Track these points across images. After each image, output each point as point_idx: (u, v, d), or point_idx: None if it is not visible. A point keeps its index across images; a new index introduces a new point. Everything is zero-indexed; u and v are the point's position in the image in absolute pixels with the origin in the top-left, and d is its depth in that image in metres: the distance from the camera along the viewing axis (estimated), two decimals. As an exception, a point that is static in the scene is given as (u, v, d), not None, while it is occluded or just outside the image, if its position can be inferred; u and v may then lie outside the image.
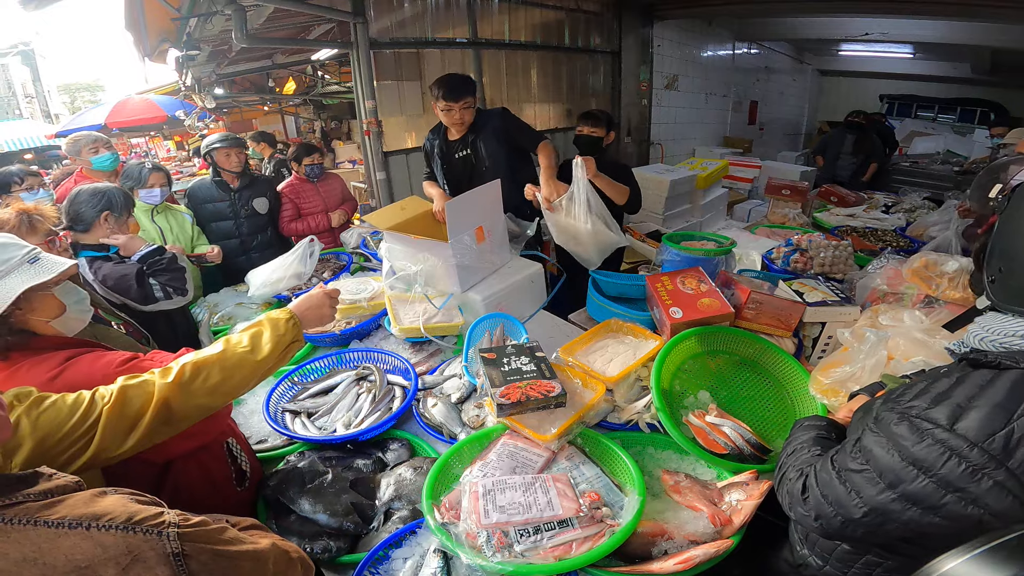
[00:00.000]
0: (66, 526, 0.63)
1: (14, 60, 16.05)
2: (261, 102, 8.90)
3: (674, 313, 1.54)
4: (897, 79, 8.95)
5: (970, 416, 0.71)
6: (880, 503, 0.77)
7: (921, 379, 0.87)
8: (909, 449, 0.74)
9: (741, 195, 4.81)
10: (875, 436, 0.80)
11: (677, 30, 5.79)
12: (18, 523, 0.62)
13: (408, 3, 3.76)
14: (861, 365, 1.35)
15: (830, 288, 1.85)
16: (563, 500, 1.09)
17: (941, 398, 0.76)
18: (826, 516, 0.85)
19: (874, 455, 0.79)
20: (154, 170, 2.56)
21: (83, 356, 1.13)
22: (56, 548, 0.61)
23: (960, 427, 0.71)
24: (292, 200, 3.10)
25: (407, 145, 4.02)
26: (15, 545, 0.60)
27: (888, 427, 0.79)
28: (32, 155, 8.62)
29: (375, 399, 1.57)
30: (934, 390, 0.78)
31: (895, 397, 0.83)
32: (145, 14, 3.75)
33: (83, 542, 0.63)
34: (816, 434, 1.02)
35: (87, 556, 0.62)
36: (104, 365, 1.13)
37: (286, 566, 0.85)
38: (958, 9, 4.17)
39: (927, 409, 0.75)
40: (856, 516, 0.80)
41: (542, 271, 2.18)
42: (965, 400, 0.73)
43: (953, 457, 0.70)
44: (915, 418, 0.76)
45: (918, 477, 0.73)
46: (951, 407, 0.73)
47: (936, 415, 0.74)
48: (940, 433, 0.72)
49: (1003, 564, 0.65)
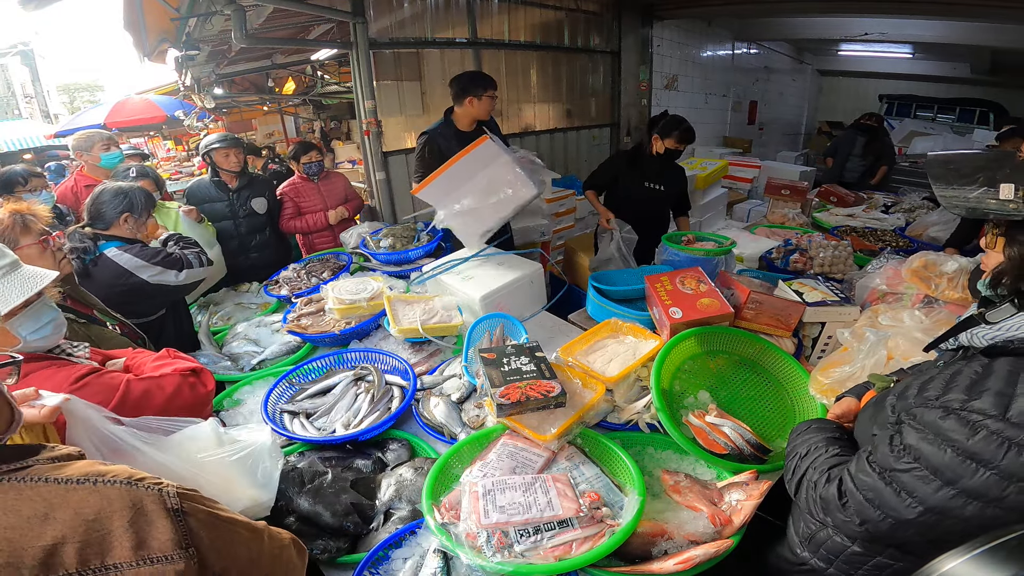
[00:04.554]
0: (74, 482, 0.67)
1: (13, 60, 16.02)
2: (261, 102, 8.88)
3: (674, 313, 1.54)
4: (896, 79, 8.96)
5: (1020, 402, 0.70)
6: (938, 501, 0.75)
7: (924, 374, 0.87)
8: (964, 443, 0.72)
9: (741, 195, 4.80)
10: (919, 433, 0.78)
11: (677, 30, 5.79)
12: (30, 481, 0.65)
13: (408, 3, 3.76)
14: (861, 365, 1.35)
15: (830, 288, 1.85)
16: (563, 500, 1.09)
17: (978, 389, 0.74)
18: (872, 520, 0.82)
19: (924, 453, 0.76)
20: (139, 177, 2.56)
21: (37, 373, 1.12)
22: (65, 503, 0.65)
23: (1013, 415, 0.70)
24: (292, 199, 3.11)
25: (407, 145, 4.01)
26: (28, 502, 0.64)
27: (933, 423, 0.76)
28: (32, 155, 8.60)
29: (373, 399, 1.56)
30: (962, 382, 0.77)
31: (916, 393, 0.82)
32: (144, 14, 3.74)
33: (90, 496, 0.66)
34: (828, 435, 1.00)
35: (94, 509, 0.65)
36: (60, 381, 1.12)
37: (281, 545, 0.87)
38: (958, 9, 4.17)
39: (970, 401, 0.74)
40: (910, 517, 0.78)
41: (542, 271, 2.18)
42: (1006, 387, 0.72)
43: (1013, 447, 0.69)
44: (961, 411, 0.74)
45: (978, 471, 0.71)
46: (995, 396, 0.72)
47: (983, 406, 0.72)
48: (994, 424, 0.71)
49: (1003, 564, 0.65)
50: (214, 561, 0.72)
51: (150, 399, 1.21)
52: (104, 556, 0.64)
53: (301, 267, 2.71)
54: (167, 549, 0.67)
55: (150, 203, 1.99)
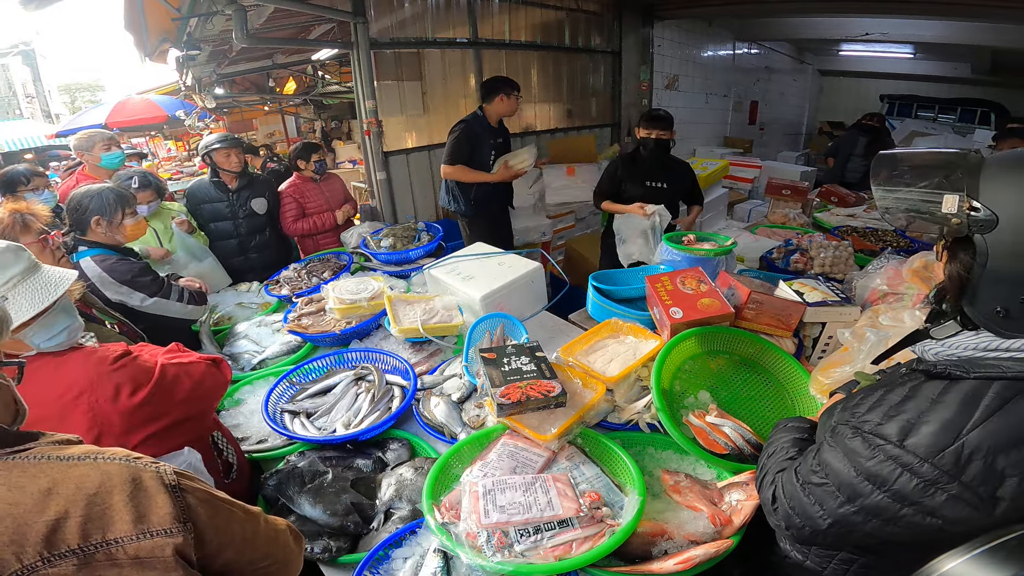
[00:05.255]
0: (75, 459, 0.69)
1: (14, 60, 16.05)
2: (261, 102, 8.90)
3: (674, 313, 1.54)
4: (897, 79, 8.95)
5: (921, 432, 0.71)
6: (841, 516, 0.78)
7: (880, 384, 0.87)
8: (863, 464, 0.75)
9: (741, 195, 4.80)
10: (832, 450, 0.81)
11: (677, 30, 5.79)
12: (34, 459, 0.67)
13: (408, 3, 3.76)
14: (861, 365, 1.35)
15: (830, 288, 1.85)
16: (563, 500, 1.09)
17: (893, 412, 0.76)
18: (795, 526, 0.86)
19: (832, 469, 0.80)
20: (141, 188, 2.53)
21: (68, 358, 1.12)
22: (67, 478, 0.66)
23: (910, 443, 0.71)
24: (296, 200, 3.08)
25: (407, 145, 4.02)
26: (32, 479, 0.65)
27: (843, 441, 0.79)
28: (32, 155, 8.62)
29: (374, 399, 1.57)
30: (887, 402, 0.78)
31: (852, 406, 0.83)
32: (145, 14, 3.75)
33: (91, 471, 0.68)
34: (795, 436, 1.02)
35: (95, 483, 0.67)
36: (95, 364, 1.13)
37: (277, 529, 0.88)
38: (958, 9, 4.16)
39: (879, 425, 0.76)
40: (822, 527, 0.81)
41: (542, 270, 2.18)
42: (916, 415, 0.73)
43: (905, 473, 0.71)
44: (868, 434, 0.76)
45: (874, 492, 0.74)
46: (902, 423, 0.74)
47: (887, 431, 0.74)
48: (891, 449, 0.73)
49: (1003, 564, 0.65)
50: (211, 538, 0.73)
51: (179, 384, 1.23)
52: (105, 531, 0.65)
53: (301, 267, 2.71)
54: (166, 523, 0.68)
55: (121, 202, 1.92)
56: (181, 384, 1.23)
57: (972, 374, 0.72)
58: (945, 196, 0.73)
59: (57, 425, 0.91)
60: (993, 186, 0.70)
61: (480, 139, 3.07)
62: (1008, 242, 0.68)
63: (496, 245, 2.38)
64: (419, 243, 2.71)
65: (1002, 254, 0.69)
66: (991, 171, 0.72)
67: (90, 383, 1.09)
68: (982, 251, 0.70)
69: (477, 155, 3.09)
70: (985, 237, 0.70)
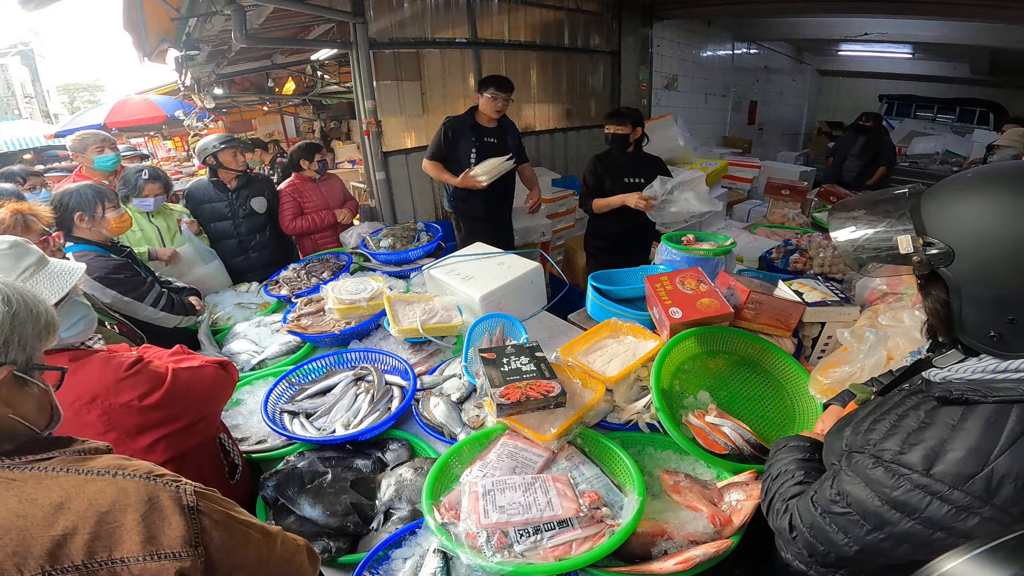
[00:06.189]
0: (94, 473, 0.68)
1: (13, 60, 16.01)
2: (260, 102, 8.90)
3: (674, 313, 1.54)
4: (896, 79, 8.96)
5: (947, 460, 0.70)
6: (870, 543, 0.77)
7: (886, 405, 0.86)
8: (889, 494, 0.74)
9: (741, 195, 4.80)
10: (851, 479, 0.80)
11: (676, 30, 5.79)
12: (51, 471, 0.67)
13: (408, 3, 3.76)
14: (861, 365, 1.35)
15: (830, 288, 1.85)
16: (563, 500, 1.09)
17: (914, 440, 0.74)
18: (819, 554, 0.85)
19: (854, 498, 0.78)
20: (151, 180, 2.54)
21: (85, 363, 1.13)
22: (82, 493, 0.66)
23: (937, 472, 0.70)
24: (294, 199, 3.07)
25: (407, 145, 4.01)
26: (45, 492, 0.64)
27: (863, 471, 0.78)
28: (31, 155, 8.60)
29: (373, 399, 1.56)
30: (904, 429, 0.77)
31: (864, 431, 0.82)
32: (144, 14, 3.74)
33: (107, 487, 0.67)
34: (797, 456, 1.00)
35: (109, 501, 0.66)
36: (111, 372, 1.13)
37: (294, 550, 0.87)
38: (958, 9, 4.16)
39: (900, 454, 0.74)
40: (849, 554, 0.80)
41: (542, 270, 2.18)
42: (938, 443, 0.72)
43: (935, 500, 0.70)
44: (890, 463, 0.75)
45: (903, 520, 0.73)
46: (925, 451, 0.72)
47: (911, 459, 0.73)
48: (918, 478, 0.72)
49: (1003, 564, 0.65)
50: (223, 561, 0.72)
51: (191, 388, 1.23)
52: (112, 550, 0.64)
53: (301, 267, 2.71)
54: (176, 546, 0.67)
55: (100, 196, 1.94)
56: (193, 388, 1.24)
57: (991, 398, 0.71)
58: (898, 238, 0.75)
59: (73, 426, 0.91)
60: (936, 220, 0.72)
61: (460, 137, 3.00)
62: (972, 268, 0.69)
63: (491, 244, 2.38)
64: (418, 243, 2.71)
65: (971, 281, 0.70)
66: (929, 206, 0.74)
67: (105, 388, 1.11)
68: (952, 283, 0.72)
69: (455, 153, 3.03)
70: (949, 269, 0.71)
